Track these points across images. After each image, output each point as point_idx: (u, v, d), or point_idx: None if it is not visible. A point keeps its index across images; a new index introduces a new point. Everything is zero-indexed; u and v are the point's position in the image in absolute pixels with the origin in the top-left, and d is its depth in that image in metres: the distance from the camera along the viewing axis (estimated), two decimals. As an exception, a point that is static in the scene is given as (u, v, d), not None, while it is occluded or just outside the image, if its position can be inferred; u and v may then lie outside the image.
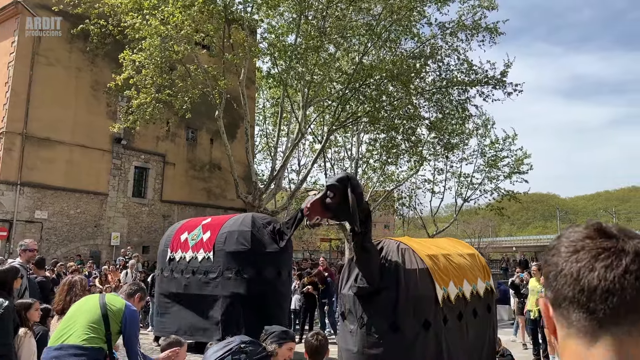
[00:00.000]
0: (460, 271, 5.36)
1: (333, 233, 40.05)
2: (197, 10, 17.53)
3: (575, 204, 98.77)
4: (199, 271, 9.49)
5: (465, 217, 56.83)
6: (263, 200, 20.80)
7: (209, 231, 9.77)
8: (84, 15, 18.93)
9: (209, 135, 26.37)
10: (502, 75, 23.36)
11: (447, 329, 5.02)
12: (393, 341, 4.88)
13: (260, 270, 8.91)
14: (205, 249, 9.57)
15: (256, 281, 8.87)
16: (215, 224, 9.89)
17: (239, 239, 9.11)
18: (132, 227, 23.22)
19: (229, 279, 9.00)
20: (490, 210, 29.38)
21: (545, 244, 62.83)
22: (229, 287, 8.96)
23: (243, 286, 8.85)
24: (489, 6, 22.57)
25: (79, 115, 21.47)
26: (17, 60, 20.17)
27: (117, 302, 3.91)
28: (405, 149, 25.96)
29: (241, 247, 9.03)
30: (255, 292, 8.79)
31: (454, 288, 5.15)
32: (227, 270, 9.05)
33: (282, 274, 9.30)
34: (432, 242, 6.14)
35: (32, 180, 20.10)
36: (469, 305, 5.37)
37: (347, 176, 4.97)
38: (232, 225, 9.47)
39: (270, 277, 9.00)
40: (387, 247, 5.22)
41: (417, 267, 4.96)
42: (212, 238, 9.56)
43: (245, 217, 9.80)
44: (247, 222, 9.39)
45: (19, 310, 4.67)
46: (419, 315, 4.90)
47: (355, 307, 5.10)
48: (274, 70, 20.63)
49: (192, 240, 10.01)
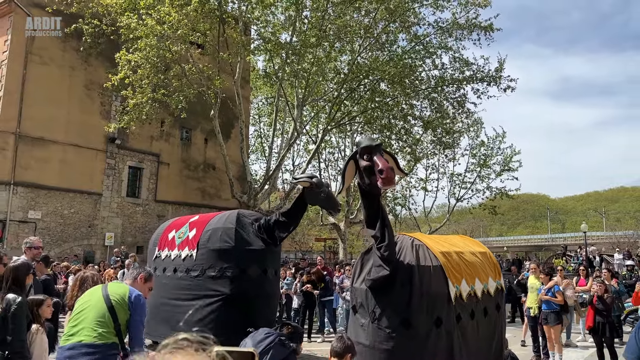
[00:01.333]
0: (473, 269, 5.38)
1: (327, 233, 40.01)
2: (192, 9, 17.48)
3: (565, 205, 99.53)
4: (180, 269, 9.27)
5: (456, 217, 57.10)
6: (258, 200, 20.80)
7: (195, 228, 9.57)
8: (77, 15, 18.81)
9: (203, 135, 26.30)
10: (497, 71, 23.58)
11: (460, 327, 5.04)
12: (404, 337, 4.89)
13: (244, 269, 8.70)
14: (190, 246, 9.36)
15: (240, 279, 8.67)
16: (201, 221, 9.67)
17: (223, 236, 8.89)
18: (126, 227, 23.09)
19: (211, 277, 8.78)
20: (484, 210, 29.60)
21: (535, 244, 63.36)
22: (211, 286, 8.75)
23: (226, 285, 8.64)
24: (481, 3, 22.71)
25: (73, 114, 21.31)
26: (10, 59, 19.98)
27: (119, 289, 3.78)
28: (399, 148, 26.07)
29: (225, 244, 8.81)
30: (239, 291, 8.55)
31: (466, 286, 5.17)
32: (209, 269, 8.83)
33: (269, 272, 9.07)
34: (444, 239, 6.16)
35: (25, 179, 19.92)
36: (480, 304, 5.39)
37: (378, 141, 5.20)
38: (217, 223, 9.25)
39: (255, 275, 8.78)
40: (401, 243, 5.24)
41: (431, 263, 4.97)
42: (196, 236, 9.35)
43: (230, 214, 9.54)
44: (231, 219, 9.17)
45: (31, 306, 4.65)
46: (431, 312, 4.91)
47: (367, 301, 5.11)
48: (270, 67, 20.57)
49: (179, 238, 9.77)
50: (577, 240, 47.57)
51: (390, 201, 30.68)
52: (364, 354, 5.10)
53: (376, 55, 23.13)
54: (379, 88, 23.05)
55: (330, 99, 22.69)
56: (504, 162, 28.57)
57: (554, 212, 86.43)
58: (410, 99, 24.04)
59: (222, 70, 19.87)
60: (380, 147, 4.93)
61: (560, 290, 9.65)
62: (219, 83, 18.61)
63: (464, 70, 23.88)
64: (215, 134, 20.54)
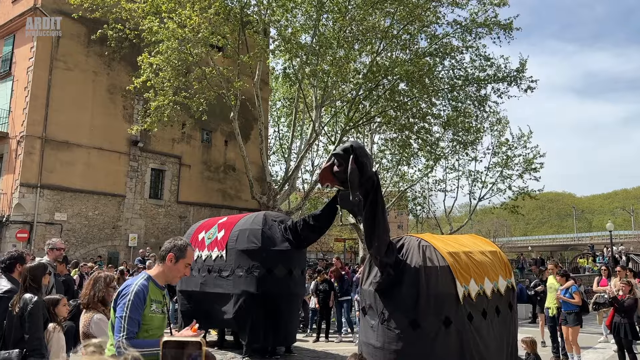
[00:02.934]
0: (482, 269, 5.37)
1: (347, 233, 40.05)
2: (213, 12, 17.75)
3: (591, 203, 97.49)
4: (213, 269, 9.62)
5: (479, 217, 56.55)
6: (277, 201, 20.95)
7: (223, 230, 9.91)
8: (100, 20, 19.22)
9: (223, 136, 26.61)
10: (519, 72, 23.33)
11: (474, 326, 5.05)
12: (413, 337, 4.93)
13: (270, 269, 8.96)
14: (219, 247, 9.71)
15: (266, 279, 8.93)
16: (229, 223, 10.01)
17: (250, 237, 9.20)
18: (149, 228, 23.51)
19: (240, 277, 9.09)
20: (505, 209, 29.22)
21: (560, 243, 62.29)
22: (240, 285, 9.05)
23: (253, 284, 8.92)
24: (499, 3, 22.53)
25: (96, 118, 21.80)
26: (36, 65, 20.53)
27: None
28: (418, 148, 25.99)
29: (252, 245, 9.12)
30: (265, 290, 8.85)
31: (474, 285, 5.17)
32: (238, 269, 9.15)
33: (294, 272, 9.32)
34: (453, 239, 6.16)
35: (51, 182, 20.45)
36: (491, 303, 5.38)
37: (351, 145, 4.96)
38: (244, 224, 9.59)
39: (281, 275, 9.04)
40: (407, 244, 5.27)
41: (438, 264, 4.99)
42: (225, 236, 9.69)
43: (257, 215, 9.91)
44: (258, 220, 9.50)
45: (47, 305, 4.82)
46: (440, 312, 4.94)
47: (376, 303, 5.17)
48: (290, 69, 20.71)
49: (209, 239, 10.16)
50: (604, 240, 46.59)
51: (410, 201, 30.59)
52: (374, 355, 5.15)
53: (395, 56, 23.11)
54: (397, 88, 23.01)
55: (349, 99, 22.73)
56: (526, 163, 28.06)
57: (580, 210, 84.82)
58: (430, 98, 23.95)
59: (241, 72, 20.09)
60: (338, 154, 4.96)
61: (578, 291, 9.52)
62: (239, 85, 18.83)
63: (485, 68, 23.68)
64: (235, 135, 20.76)
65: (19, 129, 20.44)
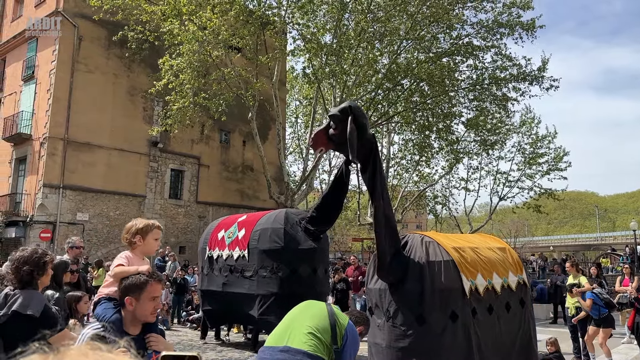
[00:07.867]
0: (489, 264, 5.30)
1: (365, 233, 39.96)
2: (233, 15, 17.88)
3: (615, 202, 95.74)
4: (235, 269, 9.50)
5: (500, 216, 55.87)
6: (295, 201, 21.00)
7: (243, 229, 9.75)
8: (121, 23, 19.50)
9: (241, 137, 26.77)
10: (540, 70, 23.08)
11: (477, 321, 4.99)
12: (420, 334, 4.88)
13: (294, 268, 8.83)
14: (240, 247, 9.56)
15: (291, 279, 8.80)
16: (249, 221, 9.86)
17: (272, 236, 9.04)
18: (169, 227, 23.76)
19: (264, 277, 8.97)
20: (528, 208, 28.91)
21: (583, 243, 61.25)
22: (264, 286, 8.94)
23: (277, 285, 8.80)
24: (524, 6, 22.35)
25: (117, 119, 22.11)
26: (58, 68, 20.91)
27: (342, 317, 3.35)
28: (439, 148, 25.85)
29: (274, 245, 8.97)
30: (289, 291, 8.64)
31: (482, 280, 5.11)
32: (261, 269, 9.02)
33: (318, 271, 9.16)
34: (460, 237, 6.10)
35: (73, 183, 20.81)
36: (500, 299, 5.31)
37: (349, 106, 4.75)
38: (265, 223, 9.41)
39: (305, 275, 8.90)
40: (411, 241, 5.24)
41: (442, 259, 4.95)
42: (246, 236, 9.53)
43: (278, 213, 9.71)
44: (280, 219, 9.31)
45: (69, 302, 4.92)
46: (446, 307, 4.89)
47: (382, 301, 5.13)
48: (309, 68, 20.75)
49: (229, 238, 9.99)
50: (628, 239, 45.67)
51: (431, 200, 30.40)
52: (381, 355, 5.11)
53: (416, 56, 23.02)
54: (417, 88, 22.90)
55: (367, 99, 22.69)
56: (553, 161, 27.97)
57: (603, 210, 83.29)
58: (450, 99, 23.82)
59: (259, 72, 20.19)
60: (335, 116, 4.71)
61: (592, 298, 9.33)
62: (258, 86, 18.93)
63: (507, 67, 23.46)
64: (252, 136, 20.87)
65: (41, 130, 20.85)
